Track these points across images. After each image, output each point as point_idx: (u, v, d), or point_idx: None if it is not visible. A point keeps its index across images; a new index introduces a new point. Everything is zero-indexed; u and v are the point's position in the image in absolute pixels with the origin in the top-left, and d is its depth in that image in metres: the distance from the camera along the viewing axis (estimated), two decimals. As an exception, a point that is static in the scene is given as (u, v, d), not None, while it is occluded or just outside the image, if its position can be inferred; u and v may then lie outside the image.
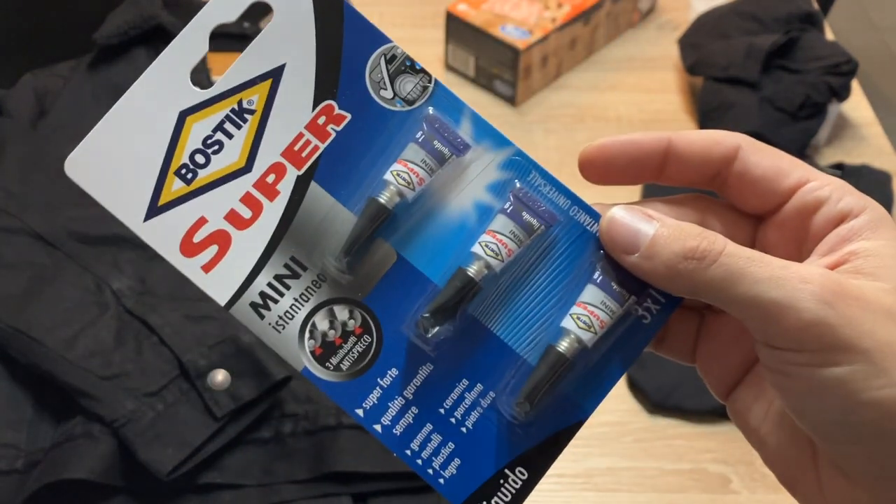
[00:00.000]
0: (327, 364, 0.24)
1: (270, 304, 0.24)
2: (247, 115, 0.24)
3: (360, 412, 0.24)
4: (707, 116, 0.79)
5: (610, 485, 0.56)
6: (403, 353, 0.24)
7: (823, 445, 0.23)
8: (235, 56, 0.81)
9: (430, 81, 0.25)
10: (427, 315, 0.24)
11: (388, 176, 0.24)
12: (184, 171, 0.24)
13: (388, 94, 0.25)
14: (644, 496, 0.55)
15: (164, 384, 0.52)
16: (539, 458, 0.24)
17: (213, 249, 0.24)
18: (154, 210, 0.24)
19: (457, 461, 0.24)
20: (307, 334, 0.24)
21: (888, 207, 0.73)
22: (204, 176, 0.24)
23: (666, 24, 0.97)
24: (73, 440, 0.50)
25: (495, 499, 0.24)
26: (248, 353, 0.52)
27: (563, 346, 0.24)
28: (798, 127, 0.76)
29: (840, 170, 0.76)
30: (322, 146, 0.24)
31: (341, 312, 0.24)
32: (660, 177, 0.27)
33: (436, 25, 0.92)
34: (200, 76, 0.33)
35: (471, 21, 0.84)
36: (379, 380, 0.24)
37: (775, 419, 0.25)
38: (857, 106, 0.84)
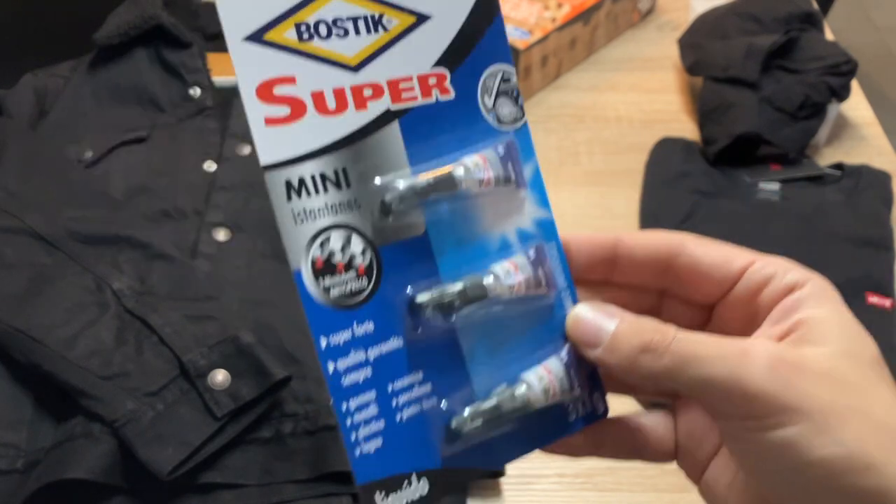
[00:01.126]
0: (320, 280, 0.23)
1: (304, 193, 0.23)
2: (380, 28, 0.25)
3: (322, 342, 0.23)
4: (707, 117, 0.79)
5: (610, 484, 0.56)
6: (387, 316, 0.24)
7: None
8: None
9: (522, 118, 0.27)
10: (432, 297, 0.25)
11: (467, 160, 0.26)
12: (303, 28, 0.24)
13: (489, 103, 0.27)
14: (644, 496, 0.55)
15: (165, 384, 0.52)
16: (445, 481, 0.25)
17: (285, 111, 0.23)
18: (258, 37, 0.23)
19: (378, 441, 0.24)
20: (318, 242, 0.24)
21: (888, 207, 0.73)
22: (317, 46, 0.24)
23: (666, 25, 0.97)
24: (74, 440, 0.50)
25: (394, 496, 0.24)
26: (249, 353, 0.52)
27: (518, 393, 0.26)
28: (798, 127, 0.76)
29: (840, 170, 0.76)
30: (420, 101, 0.25)
31: (356, 244, 0.24)
32: (611, 276, 0.29)
33: (436, 25, 0.92)
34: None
35: (471, 21, 0.84)
36: (355, 323, 0.24)
37: (739, 487, 0.27)
38: (856, 106, 0.84)
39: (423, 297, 0.24)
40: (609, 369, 0.27)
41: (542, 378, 0.26)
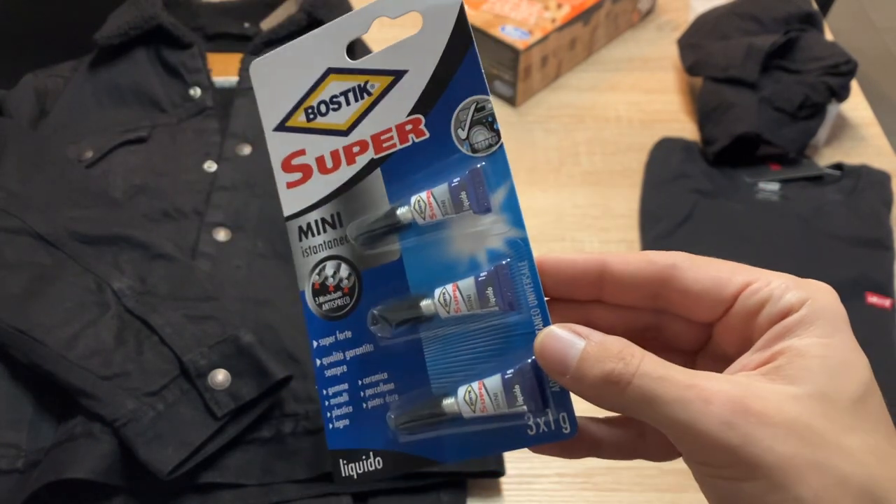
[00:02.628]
0: (316, 298, 0.31)
1: (310, 234, 0.31)
2: (365, 95, 0.30)
3: (315, 344, 0.30)
4: (706, 117, 0.79)
5: (610, 484, 0.56)
6: (361, 325, 0.30)
7: None
8: (236, 56, 0.82)
9: (497, 143, 0.29)
10: (376, 313, 0.30)
11: (413, 198, 0.30)
12: (310, 111, 0.31)
13: (463, 134, 0.30)
14: (644, 496, 0.55)
15: (165, 384, 0.52)
16: (395, 462, 0.29)
17: (298, 175, 0.31)
18: (282, 126, 0.31)
19: (346, 421, 0.30)
20: (317, 269, 0.31)
21: (888, 207, 0.73)
22: (319, 122, 0.31)
23: (665, 25, 0.97)
24: (74, 440, 0.51)
25: (353, 465, 0.30)
26: (249, 353, 0.52)
27: (446, 403, 0.28)
28: (797, 127, 0.76)
29: (839, 170, 0.76)
30: (398, 147, 0.30)
31: (344, 270, 0.30)
32: (600, 295, 0.29)
33: (436, 26, 0.92)
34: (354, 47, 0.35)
35: (471, 21, 0.84)
36: (337, 332, 0.30)
37: None
38: (856, 106, 0.84)
39: (372, 312, 0.30)
40: (580, 396, 0.26)
41: (470, 392, 0.28)
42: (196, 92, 0.74)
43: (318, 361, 0.30)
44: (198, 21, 0.84)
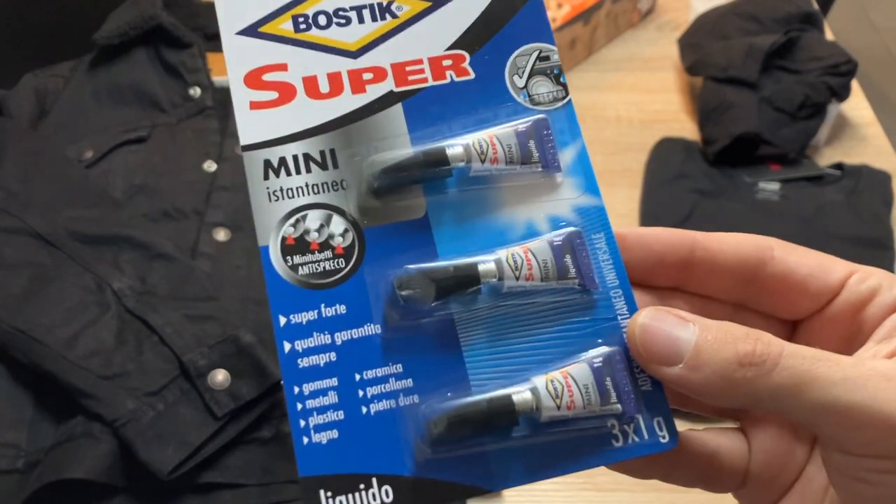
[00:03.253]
0: (288, 258, 0.22)
1: (282, 172, 0.23)
2: (387, 16, 0.25)
3: (282, 320, 0.22)
4: (707, 117, 0.79)
5: (610, 484, 0.56)
6: (362, 299, 0.22)
7: None
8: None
9: (564, 97, 0.25)
10: (407, 277, 0.22)
11: (468, 137, 0.24)
12: (301, 20, 0.24)
13: (520, 83, 0.25)
14: (644, 496, 0.55)
15: (165, 384, 0.52)
16: (415, 494, 0.21)
17: (272, 95, 0.24)
18: (252, 30, 0.24)
19: (334, 433, 0.21)
20: (291, 220, 0.23)
21: (888, 207, 0.73)
22: (315, 35, 0.24)
23: (666, 25, 0.97)
24: (74, 440, 0.50)
25: (342, 498, 0.20)
26: (248, 353, 0.52)
27: (519, 398, 0.21)
28: (798, 127, 0.76)
29: (840, 170, 0.76)
30: (430, 83, 0.24)
31: (336, 225, 0.23)
32: (683, 281, 0.25)
33: (436, 25, 0.92)
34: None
35: (471, 21, 0.84)
36: (322, 306, 0.22)
37: None
38: (856, 106, 0.84)
39: (401, 277, 0.22)
40: (695, 392, 0.21)
41: (553, 382, 0.21)
42: (196, 91, 0.74)
43: (288, 346, 0.22)
44: (197, 21, 0.84)
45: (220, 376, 0.51)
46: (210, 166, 0.68)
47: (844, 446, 0.20)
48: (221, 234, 0.63)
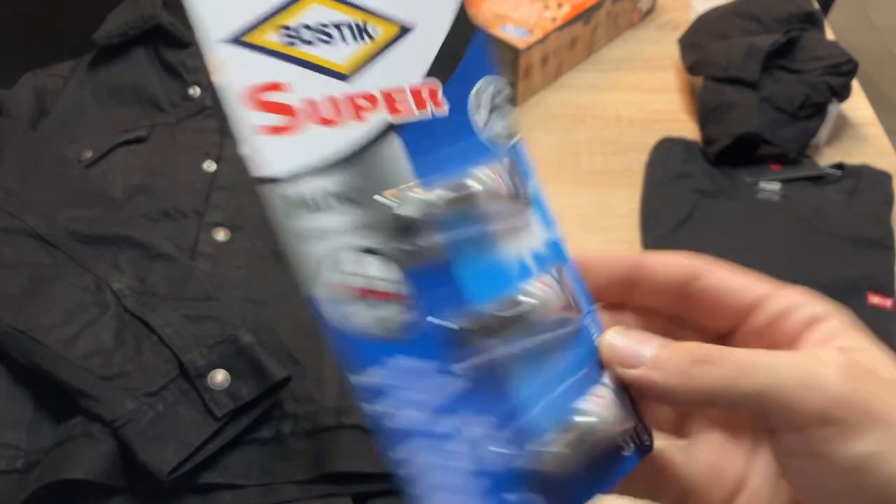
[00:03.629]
0: (362, 309, 0.21)
1: (315, 211, 0.21)
2: (366, 37, 0.23)
3: (360, 380, 0.20)
4: (707, 116, 0.79)
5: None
6: (432, 349, 0.22)
7: None
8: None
9: (516, 134, 0.25)
10: (466, 325, 0.22)
11: (479, 172, 0.24)
12: (288, 32, 0.22)
13: (481, 119, 0.25)
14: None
15: (164, 384, 0.52)
16: None
17: (281, 120, 0.21)
18: (236, 39, 0.21)
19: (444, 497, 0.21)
20: (347, 264, 0.21)
21: (889, 207, 0.73)
22: (303, 51, 0.22)
23: (666, 24, 0.97)
24: (73, 440, 0.50)
25: None
26: (248, 353, 0.52)
27: (581, 419, 0.23)
28: (798, 127, 0.76)
29: (840, 170, 0.76)
30: (416, 114, 0.23)
31: (392, 270, 0.22)
32: (629, 298, 0.28)
33: (436, 25, 0.92)
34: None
35: (471, 21, 0.84)
36: (402, 358, 0.21)
37: None
38: (857, 106, 0.84)
39: (464, 323, 0.22)
40: (656, 389, 0.24)
41: (594, 402, 0.24)
42: (195, 91, 0.74)
43: (374, 409, 0.20)
44: (197, 21, 0.84)
45: (220, 376, 0.51)
46: (210, 166, 0.68)
47: (789, 422, 0.22)
48: (221, 234, 0.63)
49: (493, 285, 0.23)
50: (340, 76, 0.22)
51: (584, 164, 0.80)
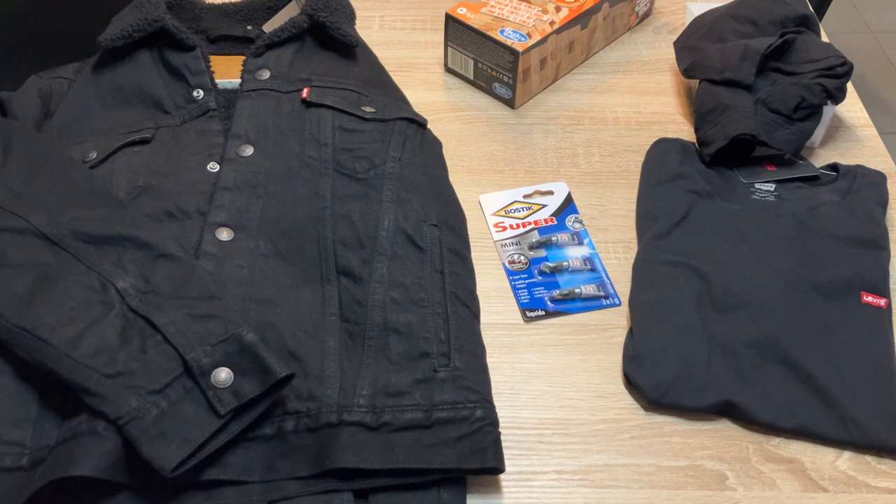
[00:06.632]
0: None
1: None
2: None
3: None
4: (703, 119, 0.80)
5: (607, 481, 0.57)
6: None
7: None
8: (238, 58, 0.82)
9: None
10: None
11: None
12: None
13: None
14: (641, 492, 0.56)
15: (168, 382, 0.52)
16: None
17: None
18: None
19: None
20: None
21: (883, 207, 0.74)
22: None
23: (662, 28, 0.98)
24: (78, 437, 0.51)
25: None
26: (251, 352, 0.53)
27: None
28: (793, 129, 0.77)
29: (835, 171, 0.77)
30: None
31: None
32: None
33: (435, 28, 0.93)
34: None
35: (470, 24, 0.85)
36: None
37: None
38: (851, 108, 0.85)
39: None
40: None
41: None
42: (199, 93, 0.75)
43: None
44: (200, 23, 0.84)
45: (223, 374, 0.52)
46: (213, 167, 0.69)
47: None
48: (224, 234, 0.64)
49: None
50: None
51: (582, 165, 0.81)
